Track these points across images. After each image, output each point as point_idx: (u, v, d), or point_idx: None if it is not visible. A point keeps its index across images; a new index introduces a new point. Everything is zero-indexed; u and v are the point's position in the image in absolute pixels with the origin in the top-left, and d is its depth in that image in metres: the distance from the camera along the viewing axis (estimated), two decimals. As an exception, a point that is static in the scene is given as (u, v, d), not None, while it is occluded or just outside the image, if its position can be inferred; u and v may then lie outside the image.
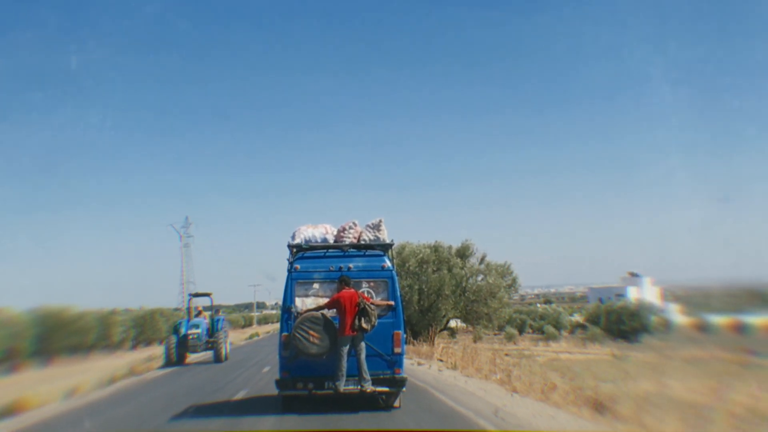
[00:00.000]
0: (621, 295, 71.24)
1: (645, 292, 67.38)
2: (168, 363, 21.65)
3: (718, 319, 17.50)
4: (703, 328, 18.34)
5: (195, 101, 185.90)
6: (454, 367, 17.50)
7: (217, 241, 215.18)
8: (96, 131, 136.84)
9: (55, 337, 25.08)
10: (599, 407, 9.62)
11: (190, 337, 21.82)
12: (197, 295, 26.09)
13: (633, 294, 71.27)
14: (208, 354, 23.79)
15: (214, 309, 24.99)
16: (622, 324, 49.01)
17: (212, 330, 22.86)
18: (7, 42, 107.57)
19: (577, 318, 65.22)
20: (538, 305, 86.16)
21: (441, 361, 19.77)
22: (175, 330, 22.62)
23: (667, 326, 35.99)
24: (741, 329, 16.79)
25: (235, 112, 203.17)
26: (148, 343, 36.71)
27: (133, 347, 34.37)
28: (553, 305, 77.33)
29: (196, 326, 22.20)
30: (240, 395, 12.93)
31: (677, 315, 25.11)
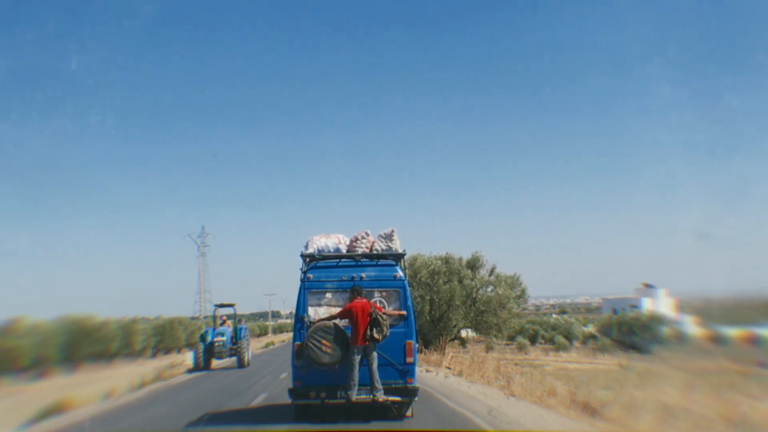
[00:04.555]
0: (635, 306, 71.02)
1: (659, 304, 67.10)
2: (196, 368, 23.34)
3: (732, 331, 17.81)
4: (717, 340, 18.54)
5: (195, 101, 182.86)
6: (460, 374, 18.32)
7: (232, 250, 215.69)
8: (95, 131, 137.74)
9: (80, 345, 26.12)
10: (589, 410, 10.40)
11: (216, 344, 23.63)
12: (222, 305, 27.58)
13: (647, 305, 70.93)
14: (232, 360, 25.23)
15: (237, 318, 26.26)
16: (633, 335, 49.31)
17: (235, 338, 24.39)
18: (7, 42, 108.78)
19: (590, 329, 65.34)
20: (552, 315, 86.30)
21: (449, 368, 20.57)
22: (203, 338, 24.53)
23: (679, 337, 36.17)
24: (754, 341, 17.29)
25: (241, 114, 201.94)
26: (167, 351, 37.77)
27: (153, 355, 35.37)
28: (567, 316, 77.46)
29: (222, 334, 23.96)
30: (259, 399, 13.81)
31: (692, 326, 25.41)
